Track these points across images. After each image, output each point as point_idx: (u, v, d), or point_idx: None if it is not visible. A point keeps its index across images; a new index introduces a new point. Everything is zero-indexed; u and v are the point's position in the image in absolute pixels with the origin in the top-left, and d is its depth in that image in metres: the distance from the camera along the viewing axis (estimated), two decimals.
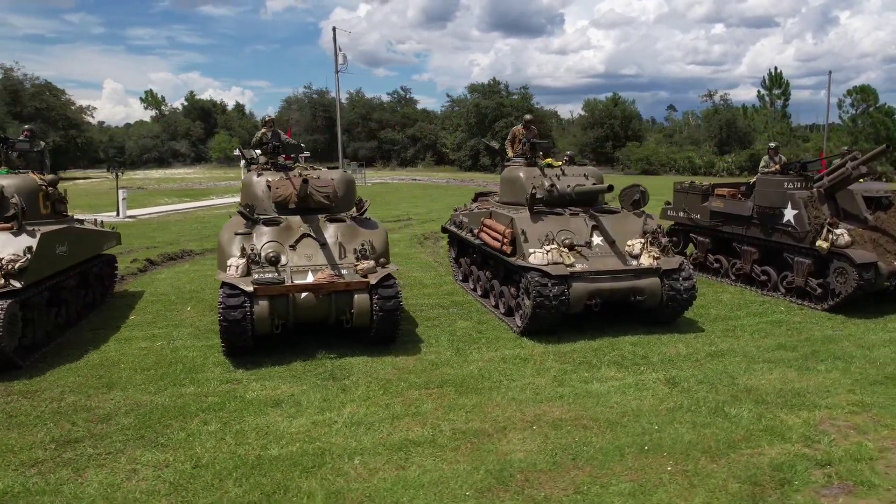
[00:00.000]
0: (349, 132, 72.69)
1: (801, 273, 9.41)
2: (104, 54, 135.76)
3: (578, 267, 7.95)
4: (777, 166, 10.24)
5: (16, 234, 7.05)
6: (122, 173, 43.08)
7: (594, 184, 9.00)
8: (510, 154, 10.08)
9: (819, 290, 9.20)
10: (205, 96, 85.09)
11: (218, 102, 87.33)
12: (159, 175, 57.25)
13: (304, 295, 7.10)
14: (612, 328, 8.22)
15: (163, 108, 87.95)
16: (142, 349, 7.60)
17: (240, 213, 7.79)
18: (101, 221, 10.08)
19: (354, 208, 8.37)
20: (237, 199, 29.54)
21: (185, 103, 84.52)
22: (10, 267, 6.61)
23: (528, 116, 10.43)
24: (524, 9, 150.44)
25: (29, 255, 6.80)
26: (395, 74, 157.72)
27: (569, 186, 8.94)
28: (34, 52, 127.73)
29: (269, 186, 8.25)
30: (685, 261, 8.31)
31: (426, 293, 10.50)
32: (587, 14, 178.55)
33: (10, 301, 6.46)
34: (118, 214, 21.38)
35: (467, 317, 8.99)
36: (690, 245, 12.15)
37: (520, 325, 8.13)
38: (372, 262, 7.41)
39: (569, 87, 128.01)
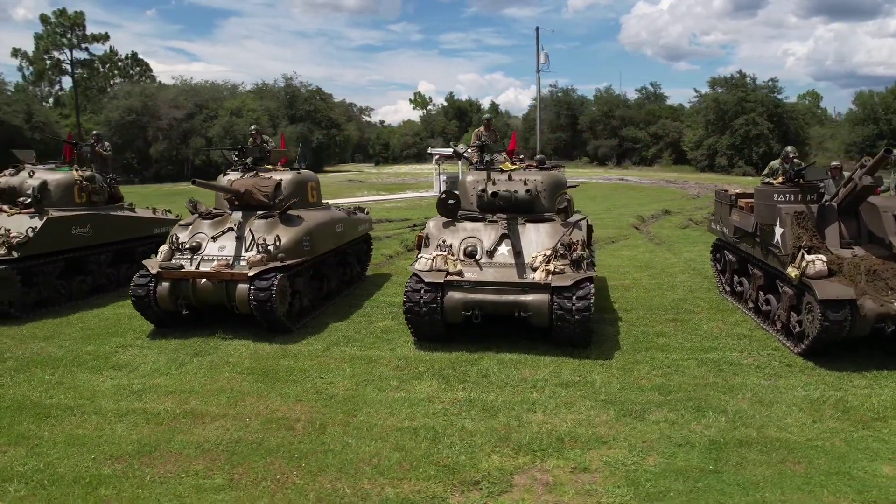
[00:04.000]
0: (592, 129, 71.81)
1: (784, 305, 7.61)
2: (420, 59, 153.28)
3: (467, 276, 7.70)
4: (782, 175, 8.28)
5: (31, 217, 9.31)
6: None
7: (527, 190, 8.44)
8: (474, 158, 9.81)
9: (798, 328, 7.36)
10: (504, 96, 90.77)
11: (474, 101, 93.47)
12: (406, 169, 63.19)
13: (202, 281, 8.16)
14: (512, 343, 7.71)
15: (429, 107, 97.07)
16: (115, 314, 9.39)
17: (187, 206, 9.12)
18: (165, 210, 12.38)
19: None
20: (427, 193, 31.76)
21: (445, 104, 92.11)
22: (13, 241, 8.83)
23: (486, 116, 10.03)
24: None
25: (31, 234, 8.96)
26: (698, 68, 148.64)
27: (495, 193, 8.53)
28: (365, 60, 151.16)
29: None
30: (588, 280, 7.41)
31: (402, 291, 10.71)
32: None
33: (3, 266, 8.67)
34: None
35: (400, 317, 9.11)
36: None
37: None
38: (261, 257, 8.15)
39: None
